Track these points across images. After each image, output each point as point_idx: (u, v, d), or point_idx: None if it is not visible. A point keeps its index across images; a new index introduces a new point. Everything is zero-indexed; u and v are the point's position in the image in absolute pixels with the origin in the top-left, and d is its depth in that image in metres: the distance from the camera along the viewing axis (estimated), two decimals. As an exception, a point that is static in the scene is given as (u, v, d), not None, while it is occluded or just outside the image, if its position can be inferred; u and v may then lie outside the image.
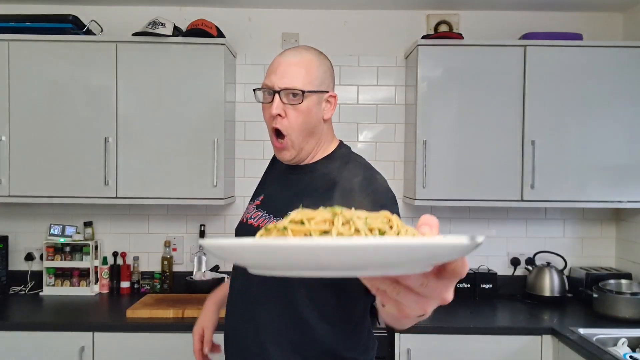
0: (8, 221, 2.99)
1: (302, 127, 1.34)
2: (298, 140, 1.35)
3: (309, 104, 1.33)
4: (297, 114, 1.32)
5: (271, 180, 1.52)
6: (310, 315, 1.29)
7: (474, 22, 2.97)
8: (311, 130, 1.36)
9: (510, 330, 2.38)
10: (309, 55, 1.38)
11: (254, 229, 1.38)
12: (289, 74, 1.32)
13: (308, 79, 1.33)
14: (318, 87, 1.35)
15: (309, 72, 1.34)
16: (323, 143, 1.41)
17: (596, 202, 2.66)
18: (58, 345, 2.35)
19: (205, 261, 2.92)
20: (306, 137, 1.36)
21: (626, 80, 2.63)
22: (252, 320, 1.34)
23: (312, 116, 1.34)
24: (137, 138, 2.64)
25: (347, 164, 1.38)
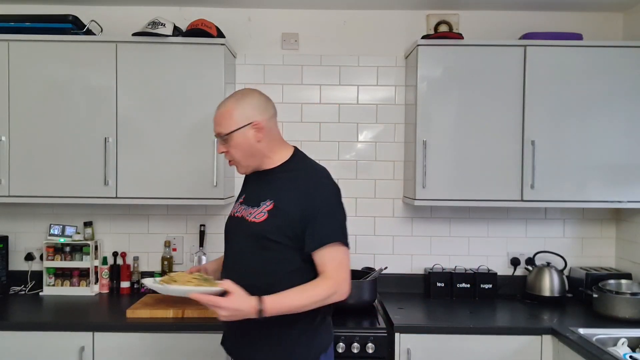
0: (8, 221, 2.99)
1: (240, 154, 1.81)
2: (243, 163, 1.84)
3: (236, 140, 1.79)
4: (232, 149, 1.81)
5: (249, 184, 1.95)
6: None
7: (474, 22, 2.97)
8: (248, 154, 1.81)
9: (510, 330, 2.38)
10: (230, 102, 1.82)
11: (238, 219, 1.84)
12: (216, 124, 1.82)
13: (228, 124, 1.78)
14: (238, 125, 1.77)
15: (228, 117, 1.79)
16: (272, 154, 1.83)
17: (596, 202, 2.66)
18: (58, 345, 2.35)
19: (205, 261, 2.92)
20: (247, 158, 1.82)
21: (626, 80, 2.63)
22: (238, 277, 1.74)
23: (243, 146, 1.79)
24: (137, 138, 2.64)
25: (301, 161, 1.85)
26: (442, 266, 2.96)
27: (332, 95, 3.01)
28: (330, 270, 1.69)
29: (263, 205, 1.77)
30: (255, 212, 1.78)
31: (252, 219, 1.77)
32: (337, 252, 1.71)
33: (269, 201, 1.76)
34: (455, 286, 2.86)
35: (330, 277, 1.68)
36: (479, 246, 3.01)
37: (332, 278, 1.68)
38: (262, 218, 1.75)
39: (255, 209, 1.78)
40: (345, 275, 1.72)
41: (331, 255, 1.70)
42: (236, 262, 1.82)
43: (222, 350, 2.35)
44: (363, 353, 2.31)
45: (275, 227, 1.72)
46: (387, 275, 2.92)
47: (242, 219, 1.81)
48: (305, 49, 3.00)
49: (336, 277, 1.69)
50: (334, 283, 1.68)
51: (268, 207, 1.75)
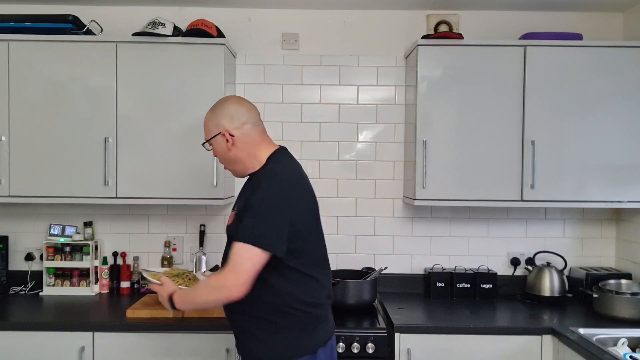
0: (8, 221, 2.99)
1: (222, 160, 1.94)
2: (228, 167, 1.94)
3: (214, 147, 1.92)
4: (215, 153, 1.93)
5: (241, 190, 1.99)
6: None
7: (474, 22, 2.97)
8: (227, 160, 1.91)
9: (510, 330, 2.38)
10: (207, 113, 1.93)
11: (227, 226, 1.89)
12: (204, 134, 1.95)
13: (206, 132, 1.93)
14: (211, 134, 1.89)
15: (205, 127, 1.93)
16: (251, 160, 1.88)
17: (596, 202, 2.66)
18: (58, 345, 2.35)
19: (205, 261, 2.92)
20: (229, 164, 1.92)
21: (626, 80, 2.63)
22: None
23: (220, 152, 1.90)
24: (137, 138, 2.64)
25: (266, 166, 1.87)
26: (442, 266, 2.96)
27: (332, 95, 3.01)
28: (226, 268, 1.72)
29: (233, 211, 1.89)
30: (230, 215, 1.91)
31: (228, 222, 1.90)
32: (240, 248, 1.69)
33: (236, 207, 1.89)
34: (456, 286, 2.86)
35: (223, 274, 1.72)
36: (479, 246, 3.01)
37: (222, 273, 1.73)
38: (231, 221, 1.86)
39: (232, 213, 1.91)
40: (238, 271, 1.68)
41: (235, 251, 1.71)
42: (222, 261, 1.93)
43: (222, 350, 2.36)
44: (363, 353, 2.31)
45: (236, 229, 1.77)
46: (387, 275, 2.92)
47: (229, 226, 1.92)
48: (305, 49, 3.00)
49: (228, 275, 1.70)
50: (222, 278, 1.71)
51: (235, 211, 1.86)
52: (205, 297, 1.78)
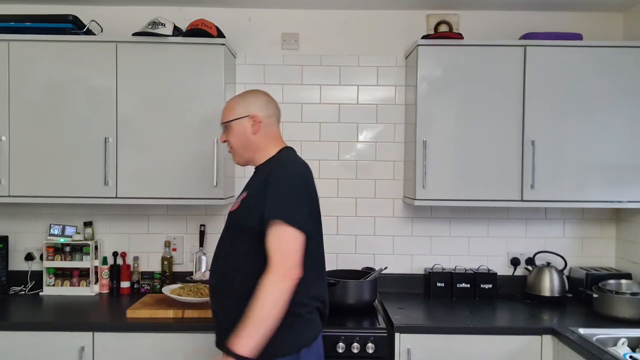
0: (8, 221, 2.99)
1: (235, 144, 1.96)
2: (238, 152, 1.97)
3: (234, 130, 1.94)
4: (229, 137, 1.97)
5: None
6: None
7: (474, 22, 2.97)
8: (243, 144, 1.94)
9: (510, 330, 2.38)
10: (235, 97, 2.00)
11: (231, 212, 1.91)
12: (222, 114, 2.00)
13: (229, 115, 1.96)
14: (236, 116, 1.93)
15: (229, 109, 1.97)
16: (264, 150, 1.94)
17: (596, 202, 2.66)
18: (58, 345, 2.35)
19: (205, 261, 2.92)
20: (242, 149, 1.95)
21: (626, 80, 2.63)
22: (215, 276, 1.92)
23: (238, 135, 1.94)
24: (137, 138, 2.64)
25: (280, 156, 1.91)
26: (442, 266, 2.96)
27: (332, 95, 3.01)
28: (273, 258, 1.68)
29: (240, 196, 1.91)
30: (234, 202, 1.92)
31: (231, 208, 1.91)
32: (281, 234, 1.69)
33: (245, 192, 1.90)
34: (455, 286, 2.86)
35: (273, 269, 1.67)
36: (479, 246, 3.01)
37: (274, 271, 1.67)
38: (236, 206, 1.87)
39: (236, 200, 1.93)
40: (289, 261, 1.68)
41: (272, 237, 1.69)
42: (216, 249, 1.94)
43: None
44: (363, 353, 2.31)
45: (244, 214, 1.81)
46: (387, 275, 2.92)
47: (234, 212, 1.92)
48: (305, 49, 3.00)
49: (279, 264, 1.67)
50: (275, 272, 1.66)
51: (242, 197, 1.88)
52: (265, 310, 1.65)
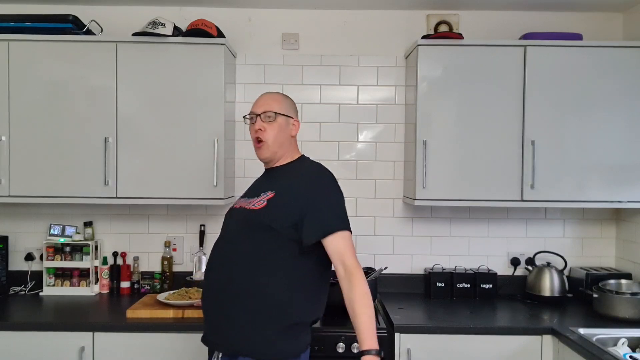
0: (8, 221, 2.99)
1: (275, 137, 1.92)
2: (273, 146, 1.92)
3: (280, 122, 1.93)
4: (272, 128, 1.92)
5: (256, 182, 2.05)
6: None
7: (474, 22, 2.97)
8: (281, 141, 1.94)
9: (510, 330, 2.38)
10: (278, 94, 2.02)
11: (236, 210, 1.93)
12: (266, 104, 1.95)
13: (278, 106, 1.94)
14: (286, 112, 1.95)
15: (279, 102, 1.96)
16: (289, 152, 1.98)
17: (596, 202, 2.66)
18: (58, 345, 2.35)
19: (205, 261, 2.92)
20: (278, 144, 1.93)
21: (626, 80, 2.63)
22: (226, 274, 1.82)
23: (282, 130, 1.93)
24: (137, 138, 2.64)
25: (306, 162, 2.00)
26: (442, 266, 2.96)
27: (332, 95, 3.01)
28: (352, 261, 1.75)
29: (263, 195, 1.85)
30: (255, 200, 1.86)
31: (251, 206, 1.85)
32: (346, 239, 1.78)
33: (270, 191, 1.85)
34: (456, 286, 2.86)
35: (357, 267, 1.75)
36: (479, 246, 3.01)
37: (359, 268, 1.75)
38: (261, 205, 1.82)
39: (255, 198, 1.87)
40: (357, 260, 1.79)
41: (342, 244, 1.76)
42: (224, 245, 1.87)
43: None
44: (363, 353, 2.31)
45: (273, 214, 1.78)
46: (387, 275, 2.92)
47: (241, 208, 1.89)
48: (305, 49, 3.00)
49: (359, 265, 1.76)
50: (362, 272, 1.76)
51: (268, 196, 1.83)
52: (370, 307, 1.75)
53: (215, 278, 1.84)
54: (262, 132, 1.92)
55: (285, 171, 1.95)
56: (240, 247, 1.81)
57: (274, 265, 1.77)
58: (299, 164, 1.98)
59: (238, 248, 1.82)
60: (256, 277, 1.76)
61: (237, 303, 1.76)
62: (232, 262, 1.80)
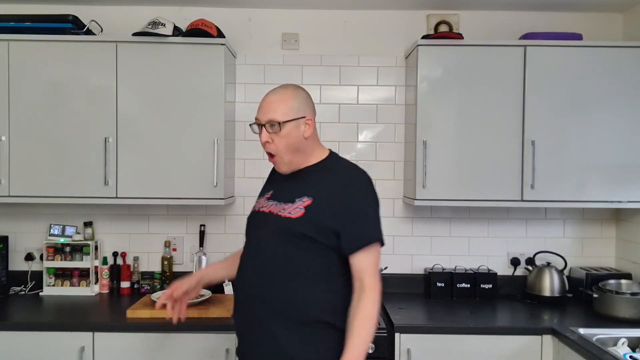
0: (8, 221, 2.99)
1: (286, 147, 1.71)
2: (287, 157, 1.73)
3: (288, 130, 1.70)
4: (280, 139, 1.70)
5: (277, 180, 1.84)
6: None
7: (474, 22, 2.97)
8: (295, 148, 1.72)
9: (510, 330, 2.38)
10: (286, 91, 1.75)
11: (265, 214, 1.74)
12: (269, 110, 1.71)
13: (285, 111, 1.69)
14: (294, 116, 1.70)
15: (285, 105, 1.70)
16: (313, 153, 1.78)
17: (596, 202, 2.66)
18: (58, 345, 2.35)
19: (205, 261, 2.92)
20: (292, 153, 1.73)
21: (626, 80, 2.63)
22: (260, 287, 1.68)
23: (292, 138, 1.71)
24: (137, 138, 2.64)
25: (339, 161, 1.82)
26: (442, 266, 2.96)
27: (332, 95, 3.00)
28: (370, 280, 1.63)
29: (299, 202, 1.68)
30: (290, 207, 1.68)
31: (286, 214, 1.67)
32: (374, 255, 1.67)
33: (306, 197, 1.68)
34: (456, 286, 2.86)
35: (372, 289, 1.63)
36: (479, 246, 3.01)
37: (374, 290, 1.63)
38: (298, 214, 1.65)
39: (290, 205, 1.69)
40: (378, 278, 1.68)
41: (367, 261, 1.65)
42: (258, 256, 1.71)
43: (222, 350, 2.36)
44: (363, 353, 2.31)
45: (313, 224, 1.63)
46: (387, 275, 2.91)
47: (272, 214, 1.72)
48: (305, 49, 3.00)
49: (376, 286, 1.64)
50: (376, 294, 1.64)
51: (305, 203, 1.66)
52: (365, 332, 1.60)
53: (252, 293, 1.69)
54: (270, 145, 1.72)
55: (318, 173, 1.76)
56: (279, 260, 1.66)
57: (316, 277, 1.65)
58: (332, 163, 1.79)
59: (277, 261, 1.66)
60: (299, 292, 1.64)
61: (280, 320, 1.64)
62: (272, 276, 1.66)
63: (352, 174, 1.74)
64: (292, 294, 1.64)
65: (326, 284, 1.66)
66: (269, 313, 1.64)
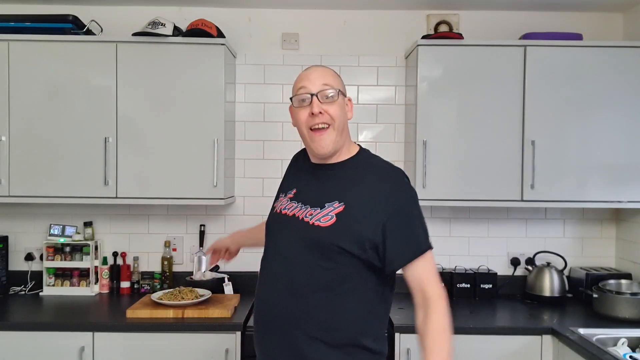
0: (8, 221, 2.99)
1: (339, 120, 1.52)
2: (337, 132, 1.52)
3: (341, 102, 1.54)
4: (335, 108, 1.51)
5: (301, 177, 1.65)
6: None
7: (474, 22, 2.97)
8: (343, 126, 1.55)
9: (510, 330, 2.38)
10: (328, 68, 1.59)
11: (289, 219, 1.53)
12: (322, 78, 1.52)
13: (337, 82, 1.55)
14: (344, 90, 1.57)
15: (334, 77, 1.56)
16: (347, 143, 1.59)
17: (596, 202, 2.66)
18: (58, 345, 2.35)
19: (205, 261, 2.92)
20: (341, 131, 1.54)
21: (626, 80, 2.63)
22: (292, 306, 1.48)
23: (343, 113, 1.54)
24: (137, 138, 2.64)
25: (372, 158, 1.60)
26: (442, 266, 2.96)
27: (332, 95, 3.00)
28: (433, 289, 1.44)
29: (329, 207, 1.46)
30: (319, 214, 1.47)
31: (314, 221, 1.46)
32: (430, 260, 1.47)
33: (337, 203, 1.46)
34: (456, 286, 2.86)
35: (439, 296, 1.44)
36: (479, 246, 3.01)
37: (441, 297, 1.44)
38: (329, 222, 1.44)
39: (318, 210, 1.48)
40: (441, 285, 1.49)
41: (426, 268, 1.45)
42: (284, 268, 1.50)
43: (222, 351, 2.36)
44: (363, 353, 2.31)
45: (347, 234, 1.42)
46: (387, 275, 2.92)
47: (297, 219, 1.51)
48: (305, 49, 3.00)
49: (442, 293, 1.45)
50: (444, 302, 1.44)
51: (337, 210, 1.45)
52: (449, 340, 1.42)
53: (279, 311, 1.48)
54: (322, 115, 1.50)
55: (347, 172, 1.54)
56: (309, 275, 1.45)
57: (351, 296, 1.46)
58: (364, 162, 1.58)
59: (307, 275, 1.46)
60: (334, 312, 1.45)
61: (314, 344, 1.44)
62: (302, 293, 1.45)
63: (389, 175, 1.53)
64: (327, 314, 1.44)
65: (362, 303, 1.48)
66: (301, 335, 1.44)
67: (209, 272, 2.88)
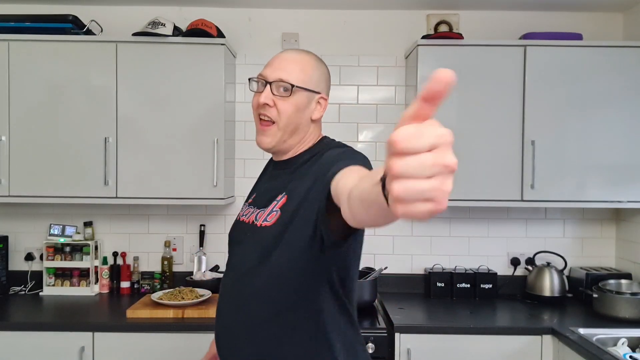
0: (8, 221, 2.99)
1: (289, 119, 1.34)
2: (281, 131, 1.35)
3: (298, 100, 1.34)
4: (286, 105, 1.33)
5: (261, 179, 1.55)
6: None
7: (474, 22, 2.97)
8: (296, 126, 1.36)
9: (510, 330, 2.38)
10: (307, 56, 1.40)
11: (244, 225, 1.39)
12: (283, 68, 1.34)
13: (301, 77, 1.34)
14: (310, 87, 1.36)
15: (304, 70, 1.35)
16: (307, 141, 1.41)
17: (596, 202, 2.66)
18: (58, 345, 2.35)
19: (205, 261, 2.92)
20: (290, 131, 1.36)
21: (626, 80, 2.63)
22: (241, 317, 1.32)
23: (299, 112, 1.35)
24: (137, 138, 2.64)
25: (329, 144, 1.40)
26: (442, 266, 2.96)
27: (332, 95, 2.96)
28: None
29: (273, 202, 1.31)
30: (266, 214, 1.32)
31: (262, 222, 1.31)
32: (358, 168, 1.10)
33: (281, 195, 1.31)
34: (456, 286, 2.86)
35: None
36: (479, 246, 3.01)
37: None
38: (274, 219, 1.28)
39: (265, 210, 1.33)
40: None
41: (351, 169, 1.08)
42: (236, 283, 1.33)
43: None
44: (363, 353, 2.31)
45: (289, 223, 1.24)
46: (387, 275, 2.92)
47: (250, 225, 1.36)
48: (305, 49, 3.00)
49: None
50: None
51: (280, 203, 1.29)
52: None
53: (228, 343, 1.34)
54: (269, 108, 1.33)
55: (299, 163, 1.36)
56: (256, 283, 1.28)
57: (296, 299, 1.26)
58: (318, 149, 1.37)
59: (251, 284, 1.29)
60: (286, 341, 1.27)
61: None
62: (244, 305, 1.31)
63: (334, 150, 1.30)
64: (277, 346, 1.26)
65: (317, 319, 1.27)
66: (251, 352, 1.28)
67: (209, 272, 2.88)
